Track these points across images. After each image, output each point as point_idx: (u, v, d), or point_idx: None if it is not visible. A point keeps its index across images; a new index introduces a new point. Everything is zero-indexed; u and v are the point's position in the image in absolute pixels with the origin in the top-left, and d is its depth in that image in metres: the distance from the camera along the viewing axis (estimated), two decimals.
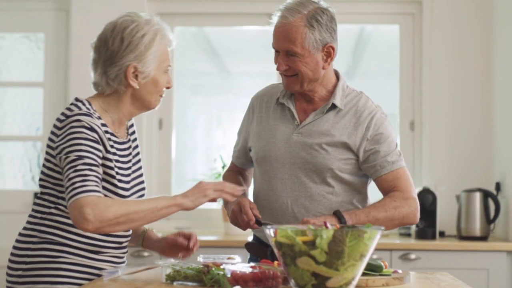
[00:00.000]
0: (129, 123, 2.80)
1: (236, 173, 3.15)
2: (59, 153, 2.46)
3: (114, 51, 2.59)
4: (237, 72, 6.19)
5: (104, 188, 2.52)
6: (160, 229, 5.19)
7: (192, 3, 5.50)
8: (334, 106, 2.90)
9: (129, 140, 2.74)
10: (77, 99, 2.60)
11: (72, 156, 2.42)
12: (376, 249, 4.48)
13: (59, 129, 2.50)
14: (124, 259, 2.71)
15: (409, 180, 2.89)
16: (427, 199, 4.94)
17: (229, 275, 2.26)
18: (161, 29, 2.64)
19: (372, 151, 2.85)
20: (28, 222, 2.61)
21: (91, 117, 2.51)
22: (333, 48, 2.86)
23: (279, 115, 2.95)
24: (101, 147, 2.50)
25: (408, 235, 5.05)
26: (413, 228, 4.95)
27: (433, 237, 4.90)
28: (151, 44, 2.59)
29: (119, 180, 2.56)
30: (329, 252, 2.04)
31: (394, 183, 2.85)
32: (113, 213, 2.35)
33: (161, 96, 2.69)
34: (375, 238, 2.13)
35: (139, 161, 2.78)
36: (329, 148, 2.84)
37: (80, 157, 2.42)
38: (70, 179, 2.39)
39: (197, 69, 6.16)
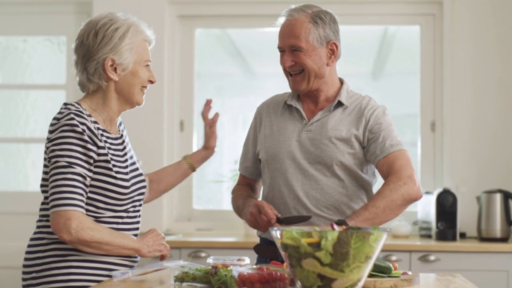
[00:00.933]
0: (122, 126, 2.87)
1: (246, 186, 3.22)
2: (49, 156, 2.55)
3: (90, 45, 2.66)
4: (262, 74, 6.21)
5: (104, 182, 2.60)
6: (182, 230, 5.24)
7: (213, 5, 5.52)
8: (340, 104, 2.99)
9: (121, 136, 2.80)
10: (65, 104, 2.67)
11: (62, 162, 2.51)
12: (395, 250, 4.55)
13: (50, 132, 2.58)
14: (137, 261, 2.75)
15: (406, 160, 2.88)
16: (448, 200, 4.92)
17: (236, 277, 2.27)
18: (136, 24, 2.73)
19: (372, 139, 2.92)
20: (37, 226, 2.68)
21: (82, 116, 2.58)
22: (336, 46, 2.96)
23: (288, 117, 3.03)
24: (94, 148, 2.57)
25: (429, 236, 5.03)
26: (434, 229, 4.93)
27: (453, 238, 4.87)
28: (125, 35, 2.68)
29: (117, 172, 2.64)
30: (334, 253, 2.05)
31: (391, 165, 2.86)
32: (90, 236, 2.51)
33: (143, 88, 2.76)
34: (381, 239, 2.13)
35: (132, 156, 2.84)
36: (338, 142, 2.93)
37: (70, 165, 2.51)
38: (58, 186, 2.49)
39: (220, 70, 6.18)
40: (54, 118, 2.61)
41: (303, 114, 3.00)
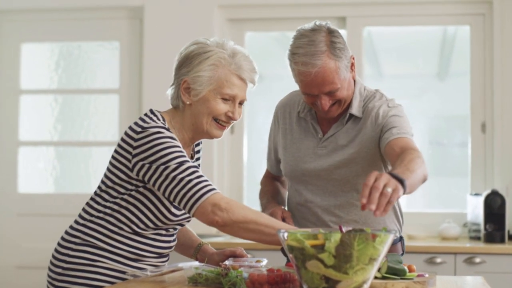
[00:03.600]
0: (197, 148, 2.85)
1: (272, 179, 3.23)
2: (142, 161, 2.51)
3: (178, 63, 2.67)
4: None
5: (159, 201, 2.60)
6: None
7: (262, 8, 5.56)
8: (351, 115, 2.91)
9: (193, 160, 2.80)
10: (152, 111, 2.66)
11: (173, 165, 2.48)
12: (440, 253, 4.50)
13: (137, 140, 2.54)
14: (167, 265, 2.76)
15: (416, 146, 2.71)
16: (496, 201, 4.86)
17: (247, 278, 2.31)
18: (231, 56, 2.64)
19: (383, 133, 2.79)
20: (76, 222, 2.68)
21: (169, 131, 2.57)
22: (353, 58, 2.86)
23: (303, 128, 3.00)
24: None
25: (478, 238, 4.98)
26: (482, 231, 4.88)
27: (502, 240, 4.82)
28: (205, 62, 2.61)
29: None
30: (336, 255, 2.06)
31: (404, 146, 2.68)
32: (243, 215, 2.44)
33: (217, 122, 2.66)
34: (386, 242, 2.13)
35: None
36: (355, 158, 2.87)
37: (182, 163, 2.49)
38: (184, 185, 2.46)
39: (283, 72, 6.21)
40: (138, 125, 2.57)
41: (318, 129, 2.95)
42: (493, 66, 5.26)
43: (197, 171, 2.50)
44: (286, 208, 3.10)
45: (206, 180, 2.49)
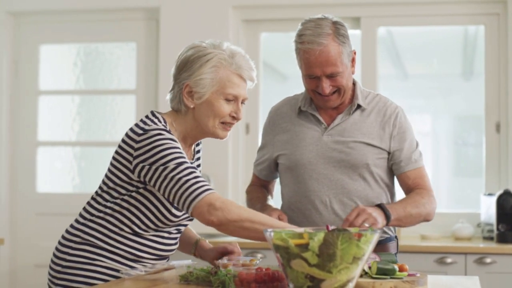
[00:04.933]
0: (197, 148, 2.88)
1: (260, 186, 3.27)
2: (142, 163, 2.53)
3: (177, 68, 2.69)
4: None
5: (159, 202, 2.62)
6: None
7: (277, 9, 5.58)
8: (358, 106, 3.01)
9: (193, 161, 2.82)
10: (153, 113, 2.69)
11: (171, 165, 2.49)
12: (450, 253, 4.49)
13: (138, 142, 2.56)
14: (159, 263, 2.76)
15: (429, 179, 3.03)
16: (508, 202, 4.85)
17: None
18: (230, 56, 2.66)
19: (397, 148, 2.98)
20: (76, 221, 2.70)
21: (170, 133, 2.59)
22: (355, 53, 2.97)
23: (304, 122, 3.05)
24: None
25: (491, 238, 4.97)
26: (495, 231, 4.86)
27: None
28: (206, 64, 2.62)
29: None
30: (320, 254, 2.08)
31: (418, 180, 2.98)
32: (238, 214, 2.45)
33: (223, 123, 2.69)
34: (371, 241, 2.14)
35: None
36: (362, 144, 2.96)
37: (180, 164, 2.50)
38: (181, 185, 2.48)
39: (292, 72, 6.23)
40: (139, 127, 2.60)
41: (321, 119, 3.01)
42: (507, 66, 5.24)
43: (194, 172, 2.51)
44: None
45: (203, 181, 2.51)
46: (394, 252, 3.04)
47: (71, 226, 2.72)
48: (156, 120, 2.65)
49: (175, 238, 2.76)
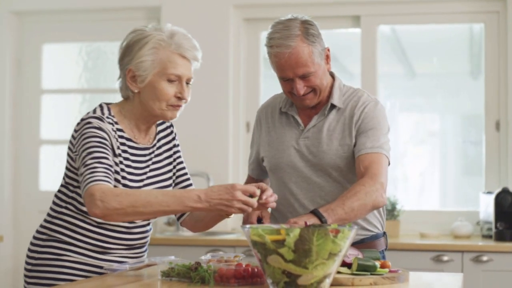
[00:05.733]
0: (163, 133, 2.84)
1: None
2: (76, 154, 2.57)
3: (120, 55, 2.69)
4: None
5: None
6: None
7: (278, 8, 5.59)
8: (333, 106, 2.99)
9: (153, 146, 2.78)
10: (100, 104, 2.70)
11: (84, 153, 2.51)
12: (447, 251, 4.49)
13: (75, 131, 2.60)
14: (143, 259, 2.76)
15: (382, 165, 2.89)
16: (506, 200, 4.84)
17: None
18: (169, 37, 2.64)
19: (358, 135, 2.94)
20: (44, 220, 2.73)
21: (102, 120, 2.59)
22: (328, 50, 2.96)
23: (285, 123, 3.05)
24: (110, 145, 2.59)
25: (490, 236, 4.96)
26: (493, 229, 4.86)
27: None
28: (144, 47, 2.61)
29: (124, 185, 2.61)
30: (296, 250, 2.09)
31: (367, 166, 2.86)
32: (118, 202, 2.40)
33: (170, 106, 2.65)
34: (348, 237, 2.15)
35: (166, 171, 2.81)
36: (336, 147, 2.94)
37: (89, 153, 2.50)
38: (81, 174, 2.48)
39: None
40: (81, 118, 2.62)
41: (299, 121, 3.02)
42: (507, 64, 5.23)
43: (98, 162, 2.48)
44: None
45: (99, 171, 2.46)
46: (383, 249, 3.04)
47: (40, 225, 2.75)
48: (98, 110, 2.65)
49: (143, 226, 2.74)
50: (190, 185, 2.88)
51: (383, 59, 5.60)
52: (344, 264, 2.52)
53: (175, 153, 2.86)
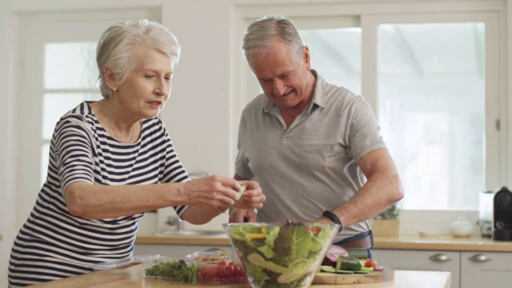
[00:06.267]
0: (149, 130, 2.81)
1: None
2: (56, 153, 2.56)
3: (98, 53, 2.67)
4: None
5: None
6: None
7: (278, 7, 5.60)
8: (316, 106, 2.99)
9: (137, 145, 2.76)
10: (81, 103, 2.68)
11: (63, 152, 2.49)
12: (446, 250, 4.49)
13: (55, 131, 2.59)
14: (128, 258, 2.77)
15: (388, 159, 2.92)
16: (505, 199, 4.83)
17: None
18: (144, 32, 2.60)
19: (353, 136, 2.94)
20: (27, 220, 2.73)
21: (81, 119, 2.57)
22: (307, 48, 2.96)
23: (268, 124, 3.06)
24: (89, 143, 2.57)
25: (489, 236, 4.95)
26: (492, 229, 4.85)
27: (511, 238, 4.78)
28: (119, 43, 2.58)
29: (105, 185, 2.56)
30: (275, 248, 2.10)
31: (374, 163, 2.89)
32: (97, 199, 2.37)
33: (149, 103, 2.61)
34: (329, 236, 2.16)
35: (151, 169, 2.78)
36: (318, 147, 2.95)
37: (68, 152, 2.48)
38: (61, 173, 2.47)
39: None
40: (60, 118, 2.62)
41: (282, 121, 3.02)
42: (507, 63, 5.22)
43: (76, 160, 2.46)
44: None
45: (78, 169, 2.45)
46: (369, 247, 3.04)
47: (23, 224, 2.74)
48: (78, 109, 2.63)
49: (127, 226, 2.73)
50: (186, 177, 2.85)
51: (387, 58, 5.60)
52: (329, 262, 2.53)
53: (166, 147, 2.84)
